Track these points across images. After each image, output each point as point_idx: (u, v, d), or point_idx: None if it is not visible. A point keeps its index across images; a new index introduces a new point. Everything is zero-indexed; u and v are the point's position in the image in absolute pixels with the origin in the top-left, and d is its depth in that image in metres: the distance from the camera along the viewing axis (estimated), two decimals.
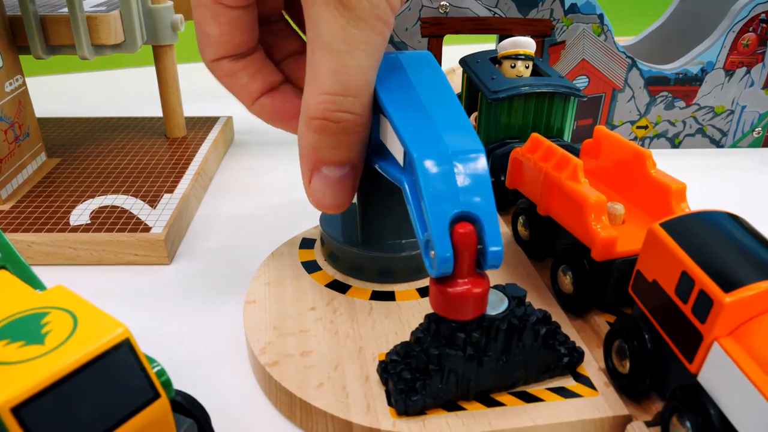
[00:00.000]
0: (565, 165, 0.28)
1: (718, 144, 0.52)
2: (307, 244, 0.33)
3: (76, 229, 0.35)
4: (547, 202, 0.29)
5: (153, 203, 0.38)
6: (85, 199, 0.38)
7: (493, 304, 0.23)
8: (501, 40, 0.41)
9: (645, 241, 0.23)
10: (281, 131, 0.29)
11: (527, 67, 0.38)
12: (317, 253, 0.33)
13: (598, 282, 0.27)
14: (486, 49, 0.41)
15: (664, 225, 0.22)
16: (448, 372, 0.22)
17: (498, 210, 0.35)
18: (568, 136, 0.38)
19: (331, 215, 0.32)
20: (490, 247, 0.20)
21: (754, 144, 0.52)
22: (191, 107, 0.51)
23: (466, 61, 0.40)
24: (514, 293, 0.24)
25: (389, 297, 0.29)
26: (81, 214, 0.37)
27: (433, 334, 0.23)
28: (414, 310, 0.28)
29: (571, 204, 0.27)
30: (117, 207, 0.37)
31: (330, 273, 0.31)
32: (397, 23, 0.46)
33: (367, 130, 0.24)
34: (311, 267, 0.31)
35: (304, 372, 0.25)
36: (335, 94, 0.22)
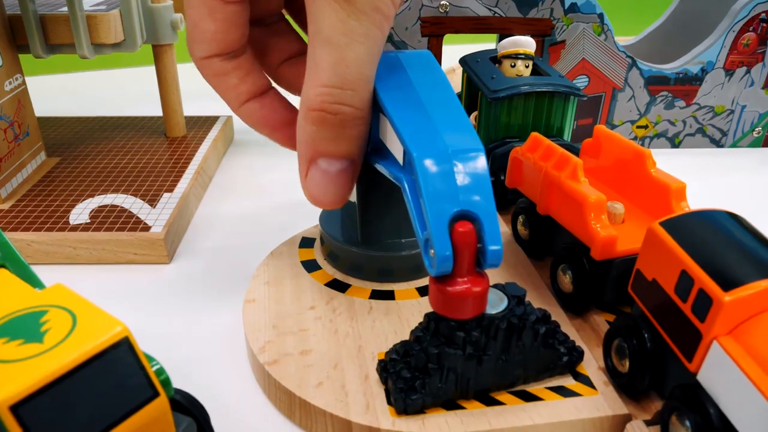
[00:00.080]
0: (564, 164, 0.28)
1: (718, 144, 0.52)
2: (306, 243, 0.33)
3: (75, 228, 0.35)
4: (546, 201, 0.29)
5: (153, 202, 0.38)
6: (84, 198, 0.38)
7: (493, 303, 0.23)
8: (501, 39, 0.41)
9: (644, 241, 0.23)
10: None
11: (527, 67, 0.38)
12: (317, 253, 0.33)
13: (597, 281, 0.27)
14: (486, 48, 0.41)
15: (663, 224, 0.22)
16: (447, 371, 0.22)
17: (498, 209, 0.35)
18: (568, 136, 0.38)
19: (330, 214, 0.32)
20: (490, 246, 0.20)
21: (754, 144, 0.52)
22: (191, 107, 0.51)
23: (466, 60, 0.40)
24: (513, 292, 0.24)
25: (389, 296, 0.29)
26: (80, 213, 0.37)
27: (433, 333, 0.23)
28: (413, 309, 0.28)
29: (571, 203, 0.27)
30: (117, 206, 0.37)
31: (329, 272, 0.31)
32: (397, 22, 0.46)
33: (366, 124, 0.24)
34: (311, 266, 0.31)
35: (303, 371, 0.25)
36: (334, 87, 0.22)
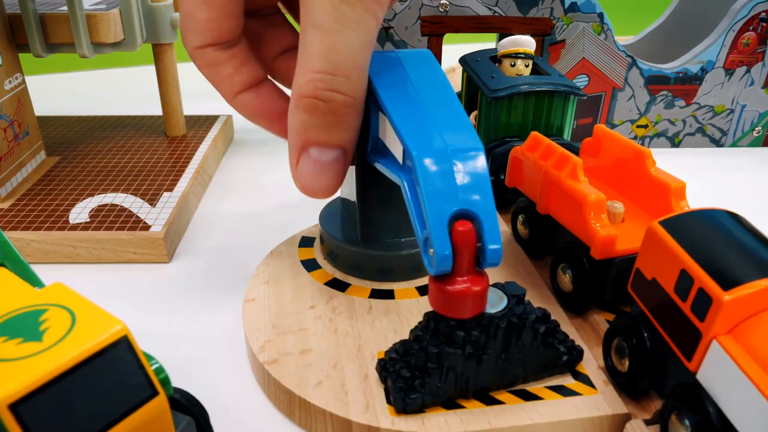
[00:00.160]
0: (564, 163, 0.28)
1: (718, 143, 0.52)
2: (306, 242, 0.33)
3: (75, 227, 0.35)
4: (546, 200, 0.29)
5: (152, 202, 0.38)
6: (84, 198, 0.38)
7: (493, 303, 0.23)
8: (501, 38, 0.41)
9: (644, 240, 0.23)
10: None
11: (527, 66, 0.38)
12: (317, 252, 0.32)
13: (597, 280, 0.27)
14: (486, 47, 0.41)
15: (663, 223, 0.22)
16: (447, 370, 0.22)
17: (497, 208, 0.35)
18: (567, 135, 0.38)
19: (330, 214, 0.32)
20: (489, 245, 0.20)
21: (754, 143, 0.52)
22: (191, 106, 0.51)
23: (466, 59, 0.40)
24: (513, 291, 0.24)
25: (388, 295, 0.29)
26: (80, 213, 0.37)
27: (432, 332, 0.23)
28: (413, 308, 0.28)
29: (571, 202, 0.27)
30: (116, 205, 0.37)
31: (329, 271, 0.31)
32: (397, 22, 0.46)
33: (358, 113, 0.24)
34: (310, 265, 0.31)
35: (303, 370, 0.25)
36: (325, 73, 0.22)
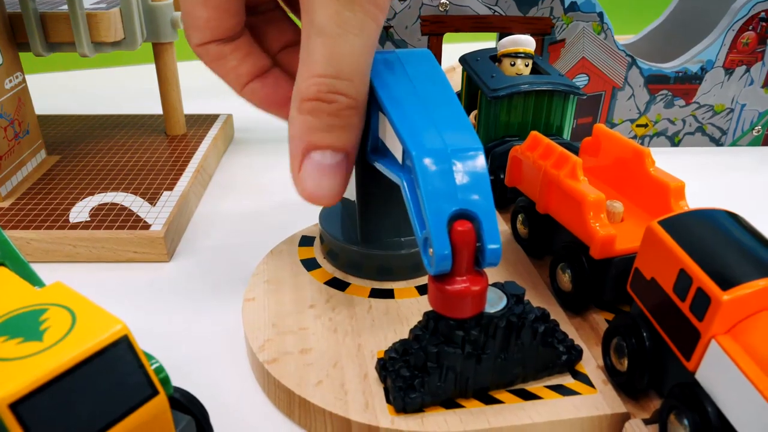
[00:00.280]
0: (564, 163, 0.28)
1: (717, 142, 0.52)
2: (306, 241, 0.33)
3: (75, 226, 0.35)
4: (546, 200, 0.29)
5: (153, 201, 0.38)
6: (84, 197, 0.38)
7: (492, 302, 0.23)
8: (501, 38, 0.41)
9: (643, 239, 0.23)
10: (281, 129, 0.29)
11: (527, 66, 0.38)
12: (316, 251, 0.33)
13: (596, 280, 0.27)
14: (486, 47, 0.41)
15: (662, 223, 0.22)
16: (446, 369, 0.22)
17: (497, 208, 0.35)
18: (567, 135, 0.38)
19: (330, 213, 0.32)
20: (489, 244, 0.20)
21: (754, 142, 0.52)
22: (191, 105, 0.51)
23: (466, 59, 0.40)
24: (512, 291, 0.24)
25: (388, 295, 0.29)
26: (80, 212, 0.37)
27: (432, 331, 0.23)
28: (413, 307, 0.28)
29: (570, 202, 0.27)
30: (116, 204, 0.37)
31: (329, 270, 0.31)
32: (397, 21, 0.46)
33: (361, 117, 0.24)
34: (310, 265, 0.31)
35: (302, 369, 0.25)
36: (328, 77, 0.22)
